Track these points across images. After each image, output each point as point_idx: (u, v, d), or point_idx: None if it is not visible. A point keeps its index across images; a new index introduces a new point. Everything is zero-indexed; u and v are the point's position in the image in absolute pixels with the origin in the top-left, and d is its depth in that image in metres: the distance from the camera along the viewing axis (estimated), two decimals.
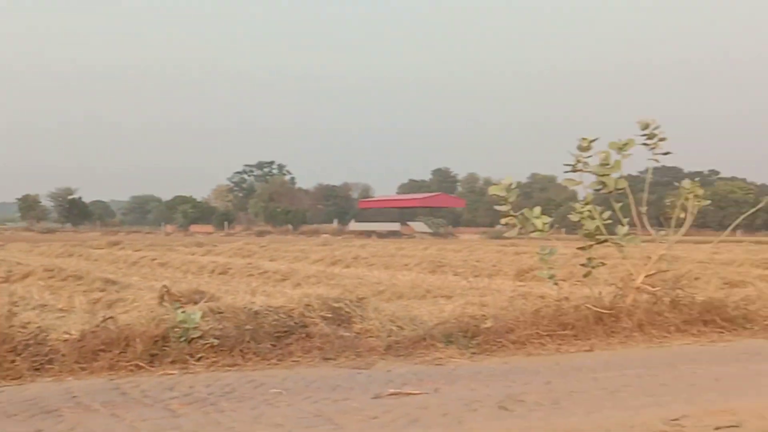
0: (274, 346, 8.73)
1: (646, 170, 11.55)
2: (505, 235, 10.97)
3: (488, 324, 9.95)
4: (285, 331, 9.11)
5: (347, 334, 9.65)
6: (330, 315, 10.24)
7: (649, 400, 6.93)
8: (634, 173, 11.57)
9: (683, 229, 11.28)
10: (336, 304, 10.55)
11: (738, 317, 11.07)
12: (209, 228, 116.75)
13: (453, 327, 9.66)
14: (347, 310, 10.50)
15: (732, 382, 7.79)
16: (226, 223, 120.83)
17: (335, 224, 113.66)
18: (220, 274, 26.85)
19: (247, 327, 8.97)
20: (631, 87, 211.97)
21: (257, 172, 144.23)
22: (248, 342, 8.63)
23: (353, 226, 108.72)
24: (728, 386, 7.57)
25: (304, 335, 9.13)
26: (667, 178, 14.39)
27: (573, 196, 10.47)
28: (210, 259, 33.92)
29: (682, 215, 11.33)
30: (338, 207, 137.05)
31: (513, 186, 10.70)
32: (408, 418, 6.18)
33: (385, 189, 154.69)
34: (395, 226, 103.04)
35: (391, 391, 7.06)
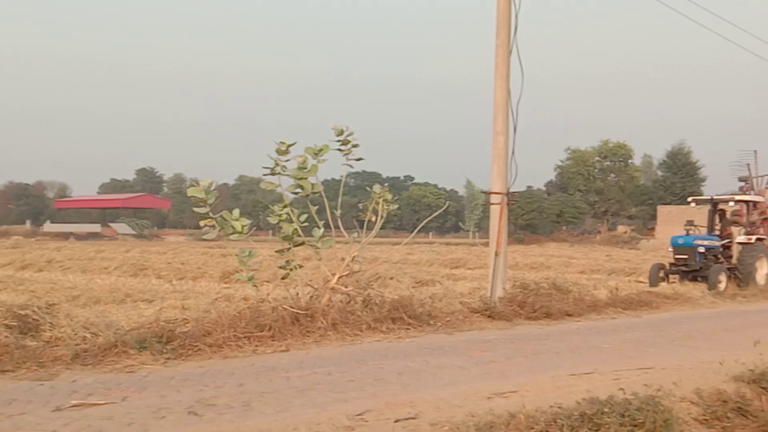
0: None
1: (344, 175, 11.91)
2: (205, 237, 10.82)
3: (186, 328, 9.77)
4: None
5: (33, 343, 9.04)
6: (15, 323, 9.56)
7: (337, 396, 7.12)
8: (338, 177, 11.85)
9: (374, 232, 11.75)
10: (22, 312, 9.86)
11: (423, 314, 11.73)
12: None
13: (147, 332, 9.34)
14: (35, 317, 9.85)
15: (414, 375, 8.21)
16: None
17: (28, 225, 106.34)
18: None
19: None
20: (338, 94, 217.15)
21: None
22: None
23: (49, 227, 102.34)
24: (410, 380, 7.97)
25: None
26: (368, 183, 15.11)
27: (280, 199, 10.54)
28: None
29: (374, 218, 11.79)
30: (31, 207, 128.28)
31: (212, 188, 10.57)
32: (90, 430, 5.88)
33: (85, 188, 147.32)
34: (96, 228, 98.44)
35: (74, 402, 6.68)
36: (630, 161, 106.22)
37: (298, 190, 11.14)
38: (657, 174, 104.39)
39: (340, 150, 11.23)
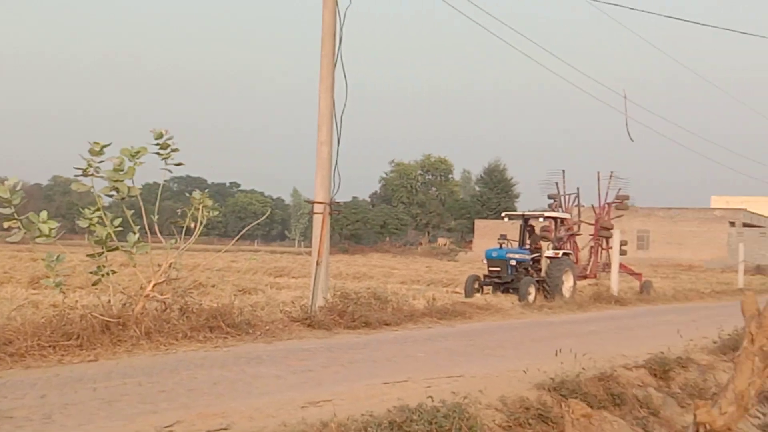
0: None
1: (169, 179, 11.57)
2: (9, 240, 10.17)
3: None
4: None
5: None
6: None
7: (146, 407, 6.86)
8: (160, 181, 11.44)
9: (193, 238, 11.47)
10: None
11: (242, 323, 11.53)
12: None
13: None
14: None
15: (229, 385, 8.03)
16: None
17: None
18: None
19: None
20: (168, 92, 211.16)
21: None
22: None
23: None
24: (224, 390, 7.80)
25: None
26: (192, 188, 14.68)
27: (95, 202, 10.13)
28: None
29: (193, 225, 11.51)
30: None
31: (18, 187, 9.97)
32: None
33: None
34: None
35: None
36: (450, 176, 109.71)
37: (113, 192, 10.68)
38: (475, 189, 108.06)
39: (158, 154, 10.86)
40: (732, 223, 71.68)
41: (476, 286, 22.06)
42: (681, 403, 9.54)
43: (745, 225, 72.67)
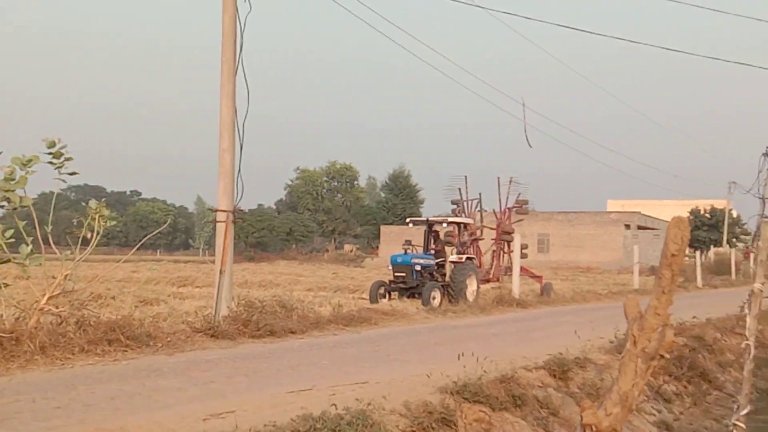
0: None
1: (66, 188, 11.24)
2: None
3: None
4: None
5: None
6: None
7: (39, 425, 6.64)
8: (55, 191, 11.09)
9: (90, 249, 11.14)
10: None
11: (142, 335, 11.27)
12: None
13: None
14: None
15: (127, 399, 7.84)
16: None
17: None
18: None
19: None
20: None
21: None
22: None
23: None
24: (123, 404, 7.61)
25: None
26: (91, 197, 14.27)
27: None
28: None
29: (90, 235, 11.20)
30: None
31: None
32: None
33: None
34: None
35: None
36: (356, 182, 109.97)
37: (5, 203, 10.30)
38: (380, 195, 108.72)
39: (51, 163, 10.52)
40: (627, 226, 73.93)
41: (382, 291, 22.10)
42: (579, 403, 9.74)
43: (639, 228, 75.05)
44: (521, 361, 10.50)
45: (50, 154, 10.52)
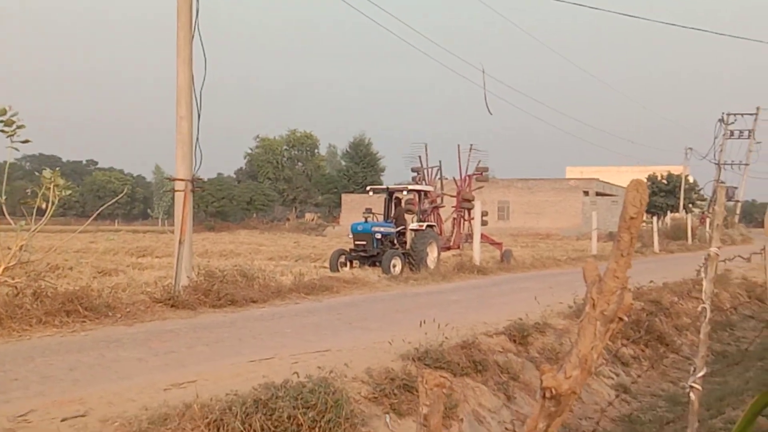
0: None
1: (20, 157, 11.01)
2: None
3: None
4: None
5: None
6: None
7: None
8: (7, 160, 10.88)
9: (45, 219, 10.98)
10: None
11: (101, 306, 11.19)
12: None
13: None
14: None
15: (87, 371, 7.80)
16: None
17: None
18: None
19: None
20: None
21: None
22: None
23: None
24: (82, 375, 7.57)
25: None
26: (44, 167, 13.97)
27: None
28: None
29: (45, 205, 11.02)
30: None
31: None
32: None
33: None
34: None
35: None
36: (316, 151, 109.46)
37: None
38: (341, 164, 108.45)
39: (3, 131, 10.31)
40: (586, 193, 74.61)
41: (343, 260, 22.15)
42: (539, 367, 9.83)
43: (597, 194, 75.77)
44: (482, 327, 10.59)
45: (1, 122, 10.30)
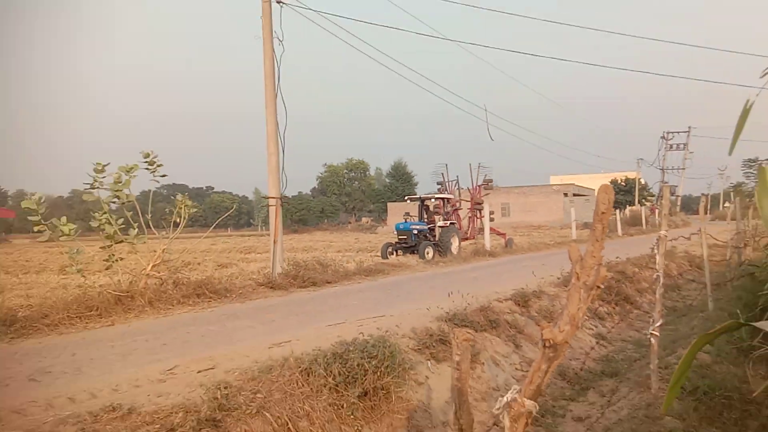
0: None
1: (159, 186, 11.21)
2: (39, 240, 9.73)
3: (27, 312, 8.77)
4: None
5: None
6: None
7: (152, 358, 6.69)
8: (151, 189, 11.07)
9: (179, 229, 11.15)
10: None
11: (221, 289, 11.32)
12: None
13: None
14: None
15: (214, 336, 7.89)
16: None
17: None
18: None
19: None
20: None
21: None
22: None
23: None
24: (211, 340, 7.65)
25: None
26: (176, 192, 14.21)
27: (102, 208, 9.80)
28: None
29: (178, 219, 11.20)
30: None
31: (42, 200, 9.56)
32: None
33: None
34: None
35: None
36: (367, 172, 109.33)
37: (116, 199, 10.31)
38: (386, 181, 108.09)
39: (147, 169, 10.51)
40: (566, 194, 73.52)
41: (390, 250, 22.11)
42: (538, 323, 9.79)
43: (574, 195, 74.62)
44: (494, 295, 10.51)
45: (146, 162, 10.51)
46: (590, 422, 6.47)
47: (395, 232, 22.88)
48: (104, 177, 10.06)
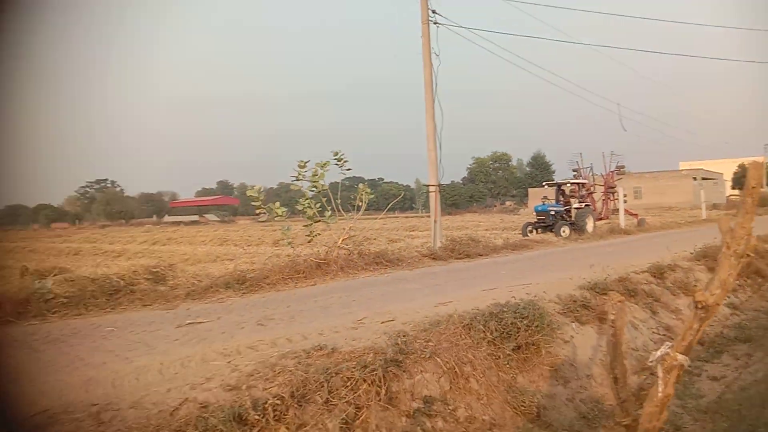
0: (107, 300, 7.82)
1: (341, 179, 11.74)
2: (259, 220, 10.64)
3: (252, 274, 9.66)
4: (116, 290, 8.20)
5: (161, 288, 8.90)
6: (149, 277, 9.41)
7: (345, 310, 7.06)
8: (338, 180, 11.65)
9: (361, 212, 11.61)
10: (154, 269, 9.71)
11: (394, 259, 11.60)
12: (66, 225, 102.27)
13: (230, 278, 9.23)
14: (162, 272, 9.70)
15: (391, 296, 8.14)
16: (77, 221, 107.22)
17: (154, 218, 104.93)
18: (73, 255, 23.79)
19: (89, 289, 7.98)
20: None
21: (96, 186, 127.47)
22: (89, 299, 7.67)
23: (167, 219, 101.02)
24: (389, 298, 7.89)
25: (129, 291, 8.27)
26: (356, 183, 14.81)
27: (302, 195, 10.56)
28: (66, 246, 29.90)
29: (360, 204, 11.66)
30: (156, 207, 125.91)
31: (261, 190, 10.49)
32: (199, 338, 5.79)
33: (188, 194, 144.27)
34: (195, 218, 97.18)
35: (188, 321, 6.60)
36: (510, 162, 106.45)
37: (314, 189, 10.97)
38: (527, 170, 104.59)
39: (337, 164, 11.03)
40: (694, 178, 66.50)
41: (529, 228, 21.43)
42: (673, 293, 9.00)
43: (703, 178, 67.25)
44: (631, 268, 9.81)
45: (336, 159, 11.04)
46: (726, 381, 5.86)
47: (534, 213, 22.10)
48: (305, 171, 10.76)
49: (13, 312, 6.90)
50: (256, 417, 3.65)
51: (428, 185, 14.74)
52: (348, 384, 4.23)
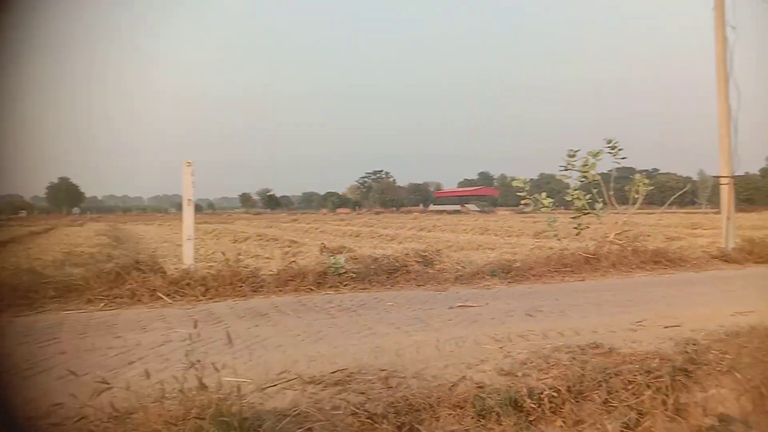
0: (387, 278, 8.72)
1: (612, 169, 10.98)
2: (524, 211, 10.72)
3: (517, 264, 9.71)
4: (394, 269, 9.09)
5: (431, 270, 9.56)
6: (420, 260, 10.17)
7: (620, 310, 6.59)
8: (605, 171, 10.95)
9: (636, 205, 10.68)
10: (423, 253, 10.46)
11: (676, 259, 10.43)
12: (347, 210, 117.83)
13: (495, 266, 9.43)
14: (430, 256, 10.41)
15: (674, 299, 7.32)
16: (357, 207, 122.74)
17: (421, 207, 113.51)
18: (355, 236, 27.17)
19: (372, 267, 9.01)
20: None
21: (373, 176, 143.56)
22: (372, 275, 8.67)
23: (432, 208, 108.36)
24: (671, 302, 7.12)
25: (405, 271, 9.08)
26: (626, 174, 13.67)
27: (567, 186, 10.10)
28: (348, 228, 34.38)
29: (635, 196, 10.71)
30: (422, 196, 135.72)
31: (527, 180, 10.43)
32: (470, 320, 6.08)
33: (451, 184, 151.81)
34: (457, 207, 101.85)
35: (459, 304, 6.97)
36: None
37: (583, 179, 10.47)
38: None
39: (610, 153, 10.32)
40: None
41: None
42: None
43: None
44: None
45: (609, 147, 10.35)
46: None
47: None
48: (575, 161, 10.34)
49: (313, 282, 8.20)
50: (532, 405, 3.68)
51: (719, 176, 12.70)
52: (629, 387, 3.95)
